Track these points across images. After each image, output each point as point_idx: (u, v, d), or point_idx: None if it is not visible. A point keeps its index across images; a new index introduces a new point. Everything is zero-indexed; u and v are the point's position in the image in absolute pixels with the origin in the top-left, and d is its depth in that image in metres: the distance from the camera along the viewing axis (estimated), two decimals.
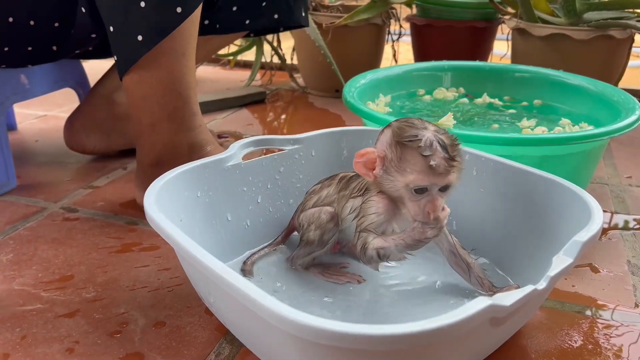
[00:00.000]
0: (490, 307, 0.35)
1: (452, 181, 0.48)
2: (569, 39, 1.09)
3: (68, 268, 0.62)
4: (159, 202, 0.50)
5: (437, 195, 0.49)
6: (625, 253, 0.67)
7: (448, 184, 0.48)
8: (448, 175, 0.48)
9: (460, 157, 0.49)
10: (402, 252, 0.51)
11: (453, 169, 0.48)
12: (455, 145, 0.49)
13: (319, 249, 0.58)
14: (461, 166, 0.49)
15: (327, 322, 0.32)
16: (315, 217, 0.58)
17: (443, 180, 0.48)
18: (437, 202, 0.49)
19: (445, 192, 0.49)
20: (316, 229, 0.58)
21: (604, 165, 0.94)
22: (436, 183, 0.48)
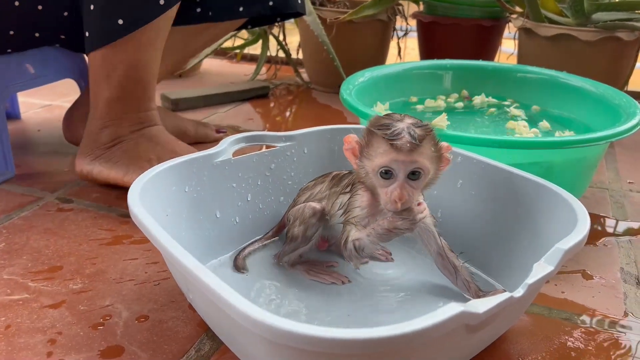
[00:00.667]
0: (462, 314, 0.35)
1: (418, 163, 0.47)
2: (575, 40, 1.07)
3: (58, 259, 0.63)
4: (144, 196, 0.50)
5: (404, 182, 0.48)
6: (619, 260, 0.66)
7: (415, 167, 0.48)
8: (412, 155, 0.47)
9: (432, 145, 0.48)
10: (375, 243, 0.51)
11: (418, 150, 0.47)
12: (425, 133, 0.48)
13: (303, 245, 0.58)
14: (432, 153, 0.48)
15: (287, 323, 0.32)
16: (300, 212, 0.58)
17: (405, 158, 0.47)
18: (404, 189, 0.48)
19: (415, 181, 0.48)
20: (300, 224, 0.58)
21: (605, 170, 0.93)
22: (398, 160, 0.47)
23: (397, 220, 0.49)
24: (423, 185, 0.50)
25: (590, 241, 0.69)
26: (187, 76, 1.51)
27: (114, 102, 0.77)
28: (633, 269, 0.63)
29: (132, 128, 0.78)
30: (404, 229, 0.49)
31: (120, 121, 0.78)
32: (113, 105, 0.77)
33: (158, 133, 0.80)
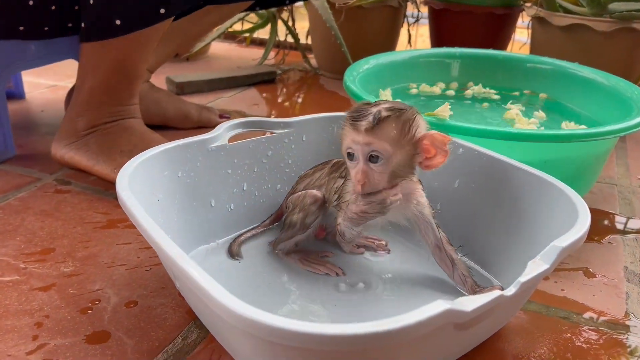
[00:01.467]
0: (449, 312, 0.33)
1: (374, 145, 0.47)
2: (590, 30, 1.04)
3: (51, 241, 0.62)
4: (134, 181, 0.49)
5: (364, 164, 0.48)
6: (624, 258, 0.64)
7: (372, 150, 0.47)
8: (368, 137, 0.47)
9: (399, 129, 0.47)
10: (349, 227, 0.51)
11: (377, 132, 0.47)
12: (389, 115, 0.47)
13: (300, 232, 0.57)
14: (398, 136, 0.47)
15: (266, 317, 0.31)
16: (300, 199, 0.57)
17: (361, 139, 0.47)
18: (363, 172, 0.48)
19: (377, 164, 0.48)
20: (299, 211, 0.57)
21: (615, 165, 0.90)
22: (356, 142, 0.47)
23: (364, 204, 0.49)
24: (389, 170, 0.48)
25: (595, 238, 0.67)
26: (194, 59, 1.50)
27: (97, 92, 0.77)
28: (637, 268, 0.62)
29: (108, 119, 0.78)
30: (372, 212, 0.49)
31: (99, 111, 0.77)
32: (95, 94, 0.77)
33: (134, 125, 0.80)
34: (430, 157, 0.49)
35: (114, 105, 0.78)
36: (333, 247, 0.61)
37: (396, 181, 0.50)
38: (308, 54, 1.45)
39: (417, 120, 0.49)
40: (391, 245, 0.61)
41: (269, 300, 0.52)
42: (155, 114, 0.95)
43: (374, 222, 0.54)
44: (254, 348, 0.37)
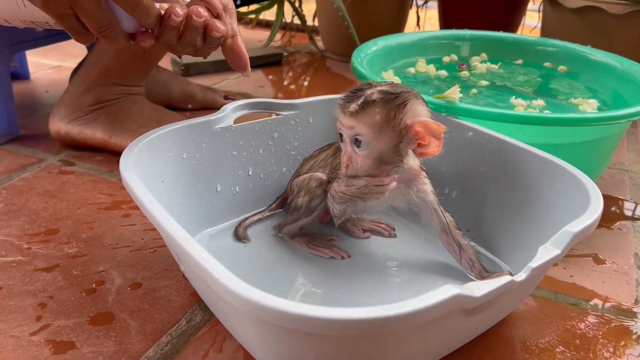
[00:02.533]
0: (458, 297, 0.33)
1: (355, 129, 0.47)
2: (603, 13, 1.02)
3: (55, 222, 0.62)
4: (138, 161, 0.49)
5: (350, 147, 0.49)
6: (634, 245, 0.63)
7: (355, 134, 0.47)
8: (350, 120, 0.47)
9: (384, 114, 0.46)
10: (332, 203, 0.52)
11: (359, 116, 0.47)
12: (376, 99, 0.46)
13: (305, 215, 0.56)
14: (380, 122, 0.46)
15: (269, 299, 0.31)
16: (305, 182, 0.57)
17: (345, 122, 0.48)
18: (348, 154, 0.49)
19: (359, 149, 0.48)
20: (305, 194, 0.56)
21: (626, 151, 0.89)
22: (343, 124, 0.48)
23: (344, 185, 0.50)
24: (373, 156, 0.48)
25: (605, 224, 0.66)
26: None
27: (113, 73, 0.77)
28: None
29: (115, 96, 0.78)
30: (350, 195, 0.50)
31: (109, 89, 0.77)
32: (110, 74, 0.77)
33: (142, 100, 0.81)
34: (424, 144, 0.48)
35: (126, 85, 0.78)
36: (338, 230, 0.60)
37: (385, 168, 0.49)
38: (315, 36, 1.43)
39: (408, 106, 0.47)
40: (398, 229, 0.61)
41: (273, 283, 0.51)
42: (159, 94, 0.94)
43: (376, 207, 0.54)
44: (258, 331, 0.37)
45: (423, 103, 0.49)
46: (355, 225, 0.61)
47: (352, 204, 0.51)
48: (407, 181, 0.51)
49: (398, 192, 0.52)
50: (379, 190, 0.48)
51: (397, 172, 0.49)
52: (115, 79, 0.77)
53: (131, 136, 0.75)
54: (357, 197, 0.50)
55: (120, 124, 0.76)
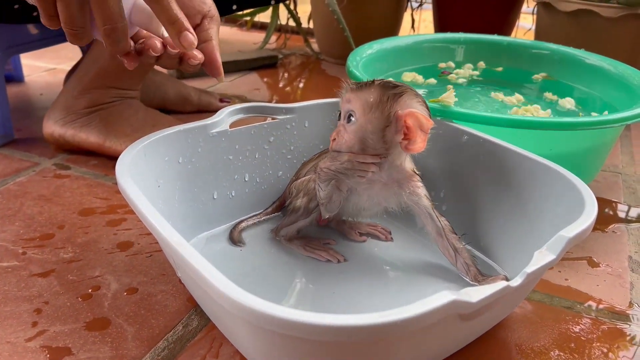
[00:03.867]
0: (454, 303, 0.33)
1: (350, 105, 0.50)
2: (596, 16, 1.02)
3: (50, 226, 0.62)
4: (134, 166, 0.48)
5: (341, 124, 0.51)
6: (628, 248, 0.63)
7: (348, 108, 0.50)
8: (348, 95, 0.50)
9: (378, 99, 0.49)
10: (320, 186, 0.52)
11: (356, 94, 0.49)
12: (376, 83, 0.50)
13: (303, 217, 0.57)
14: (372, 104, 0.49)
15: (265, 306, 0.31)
16: (304, 184, 0.57)
17: (345, 95, 0.51)
18: (337, 129, 0.51)
19: (349, 124, 0.50)
20: (304, 196, 0.57)
21: (619, 153, 0.89)
22: (342, 98, 0.51)
23: (329, 160, 0.51)
24: (359, 135, 0.49)
25: (599, 227, 0.67)
26: None
27: (109, 76, 0.76)
28: None
29: (110, 99, 0.78)
30: (333, 170, 0.50)
31: (104, 92, 0.77)
32: (107, 77, 0.76)
33: (136, 103, 0.81)
34: (410, 138, 0.49)
35: (121, 89, 0.78)
36: (336, 234, 0.60)
37: (369, 152, 0.50)
38: (310, 38, 1.43)
39: (403, 97, 0.49)
40: (394, 233, 0.61)
41: (269, 287, 0.51)
42: (154, 96, 0.94)
43: (371, 209, 0.54)
44: (254, 336, 0.37)
45: (421, 102, 0.50)
46: (352, 229, 0.61)
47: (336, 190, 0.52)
48: (399, 181, 0.52)
49: (390, 191, 0.52)
50: (362, 168, 0.50)
51: (389, 169, 0.51)
52: (111, 83, 0.77)
53: (126, 140, 0.75)
54: (341, 173, 0.51)
55: (115, 128, 0.76)
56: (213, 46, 0.54)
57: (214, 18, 0.55)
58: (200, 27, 0.54)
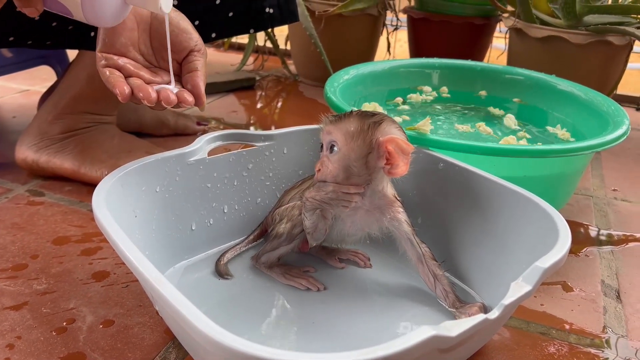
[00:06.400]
0: (434, 338, 0.33)
1: (331, 135, 0.51)
2: (566, 43, 1.05)
3: (23, 256, 0.60)
4: (110, 197, 0.48)
5: (324, 154, 0.52)
6: (600, 272, 0.65)
7: (330, 140, 0.51)
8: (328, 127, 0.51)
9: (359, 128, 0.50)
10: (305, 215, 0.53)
11: (336, 124, 0.51)
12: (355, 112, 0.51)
13: (286, 243, 0.57)
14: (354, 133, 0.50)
15: (253, 347, 0.30)
16: (288, 211, 0.57)
17: (325, 127, 0.52)
18: (321, 160, 0.52)
19: (332, 154, 0.51)
20: (287, 222, 0.57)
21: (590, 176, 0.92)
22: (322, 130, 0.53)
23: (315, 190, 0.52)
24: (343, 164, 0.50)
25: (572, 251, 0.68)
26: None
27: (84, 101, 0.76)
28: (614, 282, 0.62)
29: (86, 125, 0.77)
30: (319, 200, 0.52)
31: (79, 118, 0.76)
32: (82, 102, 0.76)
33: (112, 129, 0.80)
34: (392, 163, 0.50)
35: (96, 114, 0.77)
36: (316, 261, 0.60)
37: (353, 180, 0.51)
38: (287, 60, 1.44)
39: (382, 125, 0.51)
40: (374, 259, 0.61)
41: (249, 317, 0.51)
42: (131, 120, 0.93)
43: (353, 235, 0.55)
44: None
45: (399, 128, 0.52)
46: (332, 255, 0.61)
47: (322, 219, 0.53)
48: (381, 207, 0.52)
49: (372, 217, 0.53)
50: (346, 198, 0.51)
51: (371, 196, 0.52)
52: (86, 108, 0.76)
53: (101, 166, 0.74)
54: (326, 203, 0.52)
55: (90, 154, 0.75)
56: (197, 76, 0.54)
57: (201, 51, 0.56)
58: (187, 60, 0.55)
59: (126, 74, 0.53)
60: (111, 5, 0.49)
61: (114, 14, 0.49)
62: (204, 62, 0.56)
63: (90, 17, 0.49)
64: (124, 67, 0.53)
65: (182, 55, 0.55)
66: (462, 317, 0.48)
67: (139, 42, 0.55)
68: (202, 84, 0.54)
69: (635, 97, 1.33)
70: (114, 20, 0.50)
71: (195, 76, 0.54)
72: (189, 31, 0.55)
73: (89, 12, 0.48)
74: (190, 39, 0.55)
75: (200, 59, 0.55)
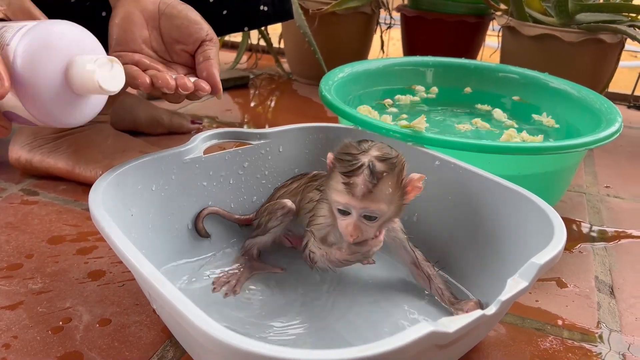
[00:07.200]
0: (432, 334, 0.33)
1: (373, 208, 0.46)
2: (558, 41, 1.06)
3: (18, 256, 0.60)
4: (106, 196, 0.48)
5: (358, 220, 0.47)
6: (594, 268, 0.65)
7: (370, 211, 0.46)
8: (365, 202, 0.45)
9: (393, 182, 0.46)
10: (326, 265, 0.52)
11: (374, 194, 0.45)
12: (385, 170, 0.45)
13: (261, 233, 0.58)
14: (392, 192, 0.46)
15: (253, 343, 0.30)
16: (272, 206, 0.58)
17: (360, 204, 0.46)
18: (357, 227, 0.47)
19: (371, 221, 0.47)
20: (267, 215, 0.58)
21: (584, 173, 0.92)
22: (353, 206, 0.46)
23: (348, 253, 0.50)
24: (382, 222, 0.48)
25: (566, 247, 0.69)
26: None
27: None
28: (607, 278, 0.63)
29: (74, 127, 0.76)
30: (354, 261, 0.51)
31: None
32: None
33: (106, 128, 0.79)
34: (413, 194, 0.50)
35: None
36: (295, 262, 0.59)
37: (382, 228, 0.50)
38: (281, 58, 1.44)
39: (404, 168, 0.48)
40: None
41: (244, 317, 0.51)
42: (125, 119, 0.93)
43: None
44: None
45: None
46: None
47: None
48: None
49: None
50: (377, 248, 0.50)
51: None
52: None
53: (95, 167, 0.73)
54: (359, 261, 0.52)
55: (84, 154, 0.75)
56: (212, 65, 0.54)
57: (212, 41, 0.56)
58: (200, 50, 0.55)
59: (142, 69, 0.53)
60: (59, 101, 0.43)
61: (71, 109, 0.44)
62: (217, 50, 0.56)
63: (47, 120, 0.44)
64: (140, 61, 0.53)
65: (195, 47, 0.55)
66: (459, 313, 0.48)
67: (151, 39, 0.55)
68: (217, 73, 0.54)
69: (627, 95, 1.34)
70: (81, 115, 0.46)
71: (210, 65, 0.54)
72: (198, 22, 0.55)
73: (39, 114, 0.43)
74: (201, 29, 0.55)
75: (212, 48, 0.55)
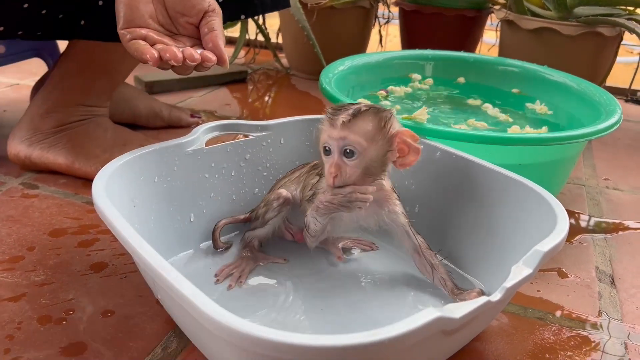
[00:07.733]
0: (439, 320, 0.33)
1: (348, 139, 0.48)
2: (557, 34, 1.06)
3: (19, 248, 0.60)
4: (109, 187, 0.48)
5: (338, 158, 0.49)
6: (594, 259, 0.65)
7: (346, 144, 0.48)
8: (343, 131, 0.48)
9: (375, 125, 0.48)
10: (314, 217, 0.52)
11: (351, 127, 0.48)
12: (367, 109, 0.49)
13: (260, 226, 0.58)
14: (372, 133, 0.48)
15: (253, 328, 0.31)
16: (270, 197, 0.58)
17: (337, 133, 0.48)
18: (336, 165, 0.49)
19: (351, 159, 0.48)
20: (264, 206, 0.58)
21: (582, 166, 0.93)
22: (332, 136, 0.48)
23: (331, 194, 0.50)
24: (363, 165, 0.49)
25: (567, 239, 0.69)
26: None
27: (76, 92, 0.75)
28: (608, 268, 0.63)
29: (79, 118, 0.76)
30: (336, 204, 0.50)
31: (72, 110, 0.76)
32: (74, 94, 0.75)
33: (105, 122, 0.79)
34: (403, 155, 0.50)
35: (89, 106, 0.76)
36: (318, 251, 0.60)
37: (368, 179, 0.50)
38: (279, 53, 1.44)
39: (392, 118, 0.50)
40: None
41: (249, 306, 0.51)
42: (125, 111, 0.93)
43: (345, 227, 0.55)
44: (237, 358, 0.37)
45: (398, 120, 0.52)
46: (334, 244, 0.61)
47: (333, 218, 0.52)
48: (379, 201, 0.52)
49: (370, 211, 0.53)
50: (363, 198, 0.50)
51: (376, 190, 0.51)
52: (79, 99, 0.76)
53: (95, 161, 0.73)
54: (343, 206, 0.50)
55: (84, 149, 0.74)
56: (216, 36, 0.54)
57: (215, 11, 0.56)
58: (203, 21, 0.55)
59: (150, 43, 0.53)
60: None
61: None
62: (220, 21, 0.56)
63: None
64: (148, 35, 0.54)
65: (198, 18, 0.55)
66: None
67: (157, 13, 0.55)
68: (222, 44, 0.55)
69: (624, 89, 1.34)
70: None
71: (214, 36, 0.54)
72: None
73: None
74: (203, 1, 0.55)
75: (215, 19, 0.55)
